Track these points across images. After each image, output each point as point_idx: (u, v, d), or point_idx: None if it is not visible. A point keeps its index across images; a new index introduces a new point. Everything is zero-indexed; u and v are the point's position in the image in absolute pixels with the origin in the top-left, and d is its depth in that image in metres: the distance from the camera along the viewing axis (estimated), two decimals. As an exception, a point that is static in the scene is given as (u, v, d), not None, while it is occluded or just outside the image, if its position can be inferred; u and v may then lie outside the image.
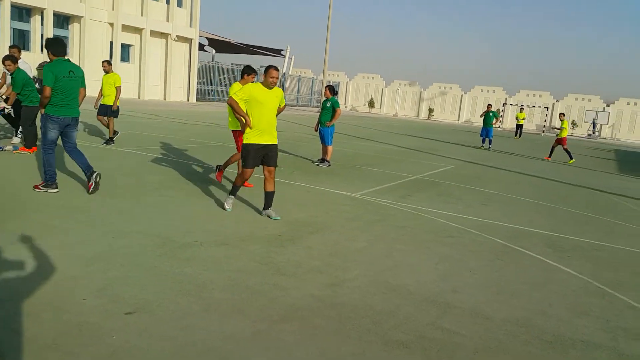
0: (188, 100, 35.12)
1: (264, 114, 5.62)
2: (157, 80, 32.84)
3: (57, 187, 6.08)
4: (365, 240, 5.36)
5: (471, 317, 3.64)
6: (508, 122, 43.58)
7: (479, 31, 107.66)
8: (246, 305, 3.49)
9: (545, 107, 42.20)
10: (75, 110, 6.14)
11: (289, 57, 46.47)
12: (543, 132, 40.19)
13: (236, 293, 3.67)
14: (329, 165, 10.33)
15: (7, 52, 8.83)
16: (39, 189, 6.01)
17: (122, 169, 8.03)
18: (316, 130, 10.78)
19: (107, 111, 10.58)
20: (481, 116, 20.30)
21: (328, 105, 10.35)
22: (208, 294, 3.59)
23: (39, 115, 6.66)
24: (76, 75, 6.06)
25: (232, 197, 6.03)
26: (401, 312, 3.61)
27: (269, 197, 5.87)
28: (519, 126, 30.37)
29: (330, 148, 10.43)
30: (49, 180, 6.06)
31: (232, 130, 7.37)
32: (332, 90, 10.46)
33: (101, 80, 10.68)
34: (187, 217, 5.56)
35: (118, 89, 10.48)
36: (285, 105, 6.26)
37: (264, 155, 5.75)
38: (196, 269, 4.05)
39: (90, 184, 6.16)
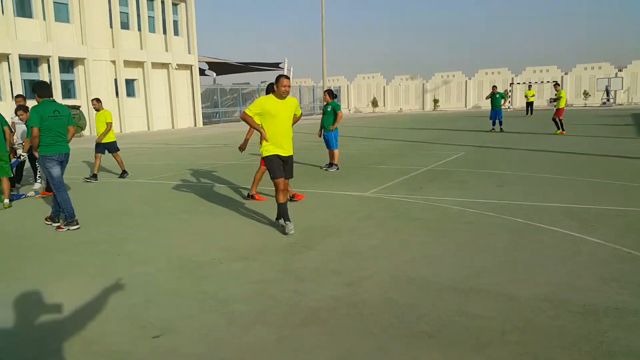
0: (195, 125, 35.53)
1: (278, 125, 5.53)
2: (164, 110, 33.32)
3: (78, 224, 6.22)
4: (380, 237, 5.34)
5: (495, 300, 3.59)
6: (518, 102, 43.06)
7: (476, 13, 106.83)
8: (268, 313, 3.50)
9: (554, 82, 41.60)
10: (65, 146, 6.43)
11: (287, 69, 46.75)
12: (554, 105, 39.60)
13: (257, 303, 3.68)
14: (338, 169, 10.32)
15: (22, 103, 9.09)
16: (62, 228, 6.15)
17: (139, 198, 8.15)
18: (320, 136, 10.78)
19: (109, 148, 10.52)
20: (487, 98, 20.07)
21: (329, 109, 10.34)
22: (230, 308, 3.61)
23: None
24: (61, 114, 6.32)
25: (287, 221, 5.61)
26: (423, 303, 3.58)
27: (281, 209, 5.68)
28: (529, 104, 29.98)
29: (336, 152, 10.41)
30: (69, 218, 6.21)
31: None
32: (331, 93, 10.47)
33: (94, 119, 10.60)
34: (204, 237, 5.61)
35: (109, 125, 10.38)
36: (301, 114, 6.11)
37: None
38: (216, 285, 4.08)
39: (59, 225, 6.24)
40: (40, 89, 6.27)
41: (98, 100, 10.63)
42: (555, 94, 18.03)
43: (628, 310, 3.32)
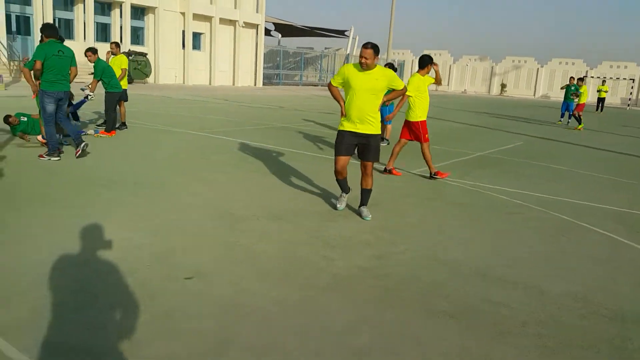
0: (255, 84, 35.97)
1: (354, 99, 4.91)
2: (226, 66, 33.88)
3: (59, 156, 6.89)
4: (417, 216, 5.33)
5: (524, 291, 3.55)
6: (590, 96, 40.62)
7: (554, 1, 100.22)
8: (295, 273, 3.63)
9: (630, 79, 38.87)
10: (66, 85, 6.90)
11: (352, 38, 46.04)
12: (629, 105, 37.15)
13: (287, 263, 3.81)
14: (388, 144, 10.23)
15: (92, 45, 9.71)
16: (43, 157, 6.82)
17: (188, 149, 8.46)
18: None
19: (121, 96, 9.99)
20: (562, 89, 19.08)
21: None
22: (261, 263, 3.77)
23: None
24: (65, 55, 6.76)
25: (343, 194, 5.42)
26: (449, 284, 3.60)
27: (363, 195, 5.22)
28: (601, 100, 28.30)
29: (389, 127, 10.30)
30: (52, 150, 6.83)
31: (412, 122, 7.16)
32: (392, 67, 10.28)
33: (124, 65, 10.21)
34: (247, 193, 5.80)
35: (124, 71, 10.06)
36: (404, 89, 5.24)
37: (359, 147, 5.09)
38: (251, 240, 4.25)
39: (77, 150, 7.06)
40: (47, 30, 6.77)
41: (117, 44, 10.42)
42: (579, 91, 17.29)
43: (661, 322, 3.20)
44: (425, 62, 7.05)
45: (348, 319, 3.03)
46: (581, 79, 18.41)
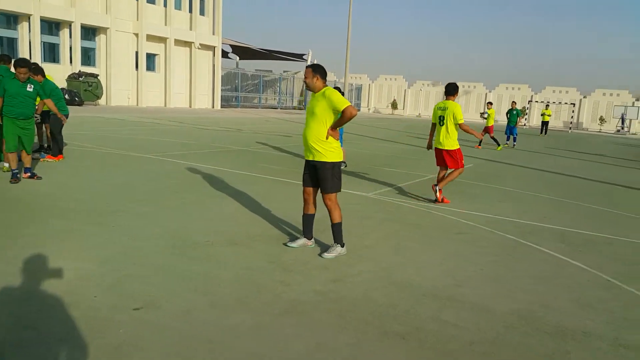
0: (212, 107, 35.76)
1: (306, 123, 4.72)
2: (182, 88, 33.57)
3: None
4: (374, 238, 5.44)
5: (472, 311, 3.68)
6: (535, 120, 42.79)
7: (501, 28, 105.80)
8: (250, 300, 3.62)
9: (572, 104, 41.29)
10: None
11: (310, 62, 46.73)
12: (570, 129, 39.32)
13: (242, 289, 3.80)
14: (346, 166, 10.39)
15: (37, 65, 9.23)
16: None
17: (143, 174, 8.31)
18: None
19: (45, 118, 9.33)
20: (507, 114, 20.10)
21: None
22: (214, 290, 3.74)
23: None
24: None
25: (301, 236, 4.97)
26: (401, 305, 3.68)
27: (332, 229, 4.76)
28: (545, 123, 29.88)
29: (342, 150, 10.40)
30: None
31: (452, 150, 7.37)
32: (339, 91, 10.37)
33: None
34: (201, 218, 5.74)
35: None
36: (348, 108, 4.48)
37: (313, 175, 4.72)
38: (205, 267, 4.20)
39: None
40: None
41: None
42: (486, 112, 18.83)
43: (595, 335, 3.39)
44: (456, 89, 7.41)
45: (303, 344, 3.05)
46: (490, 103, 19.83)
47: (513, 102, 20.59)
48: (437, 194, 7.36)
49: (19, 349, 2.77)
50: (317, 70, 4.61)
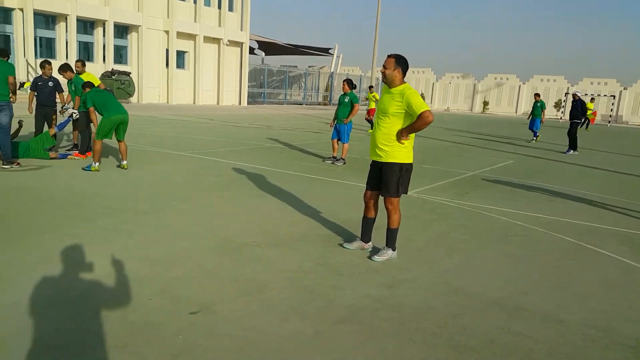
0: (239, 103, 35.85)
1: (375, 124, 4.47)
2: (211, 85, 33.73)
3: (10, 164, 7.57)
4: (424, 240, 5.21)
5: (543, 321, 3.42)
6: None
7: (537, 18, 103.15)
8: (306, 306, 3.45)
9: (612, 96, 39.62)
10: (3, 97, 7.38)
11: (337, 56, 46.43)
12: (609, 122, 37.93)
13: (295, 294, 3.64)
14: (344, 164, 9.97)
15: (75, 64, 9.43)
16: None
17: (180, 172, 8.25)
18: (331, 127, 10.20)
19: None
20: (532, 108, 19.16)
21: (346, 100, 9.75)
22: (267, 295, 3.58)
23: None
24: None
25: (358, 238, 4.82)
26: (467, 315, 3.45)
27: (387, 233, 4.52)
28: (586, 118, 28.73)
29: (346, 146, 10.01)
30: (6, 157, 7.60)
31: None
32: (351, 84, 9.85)
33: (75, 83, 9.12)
34: (244, 217, 5.61)
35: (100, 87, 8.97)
36: (425, 113, 4.13)
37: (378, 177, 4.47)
38: (254, 269, 4.06)
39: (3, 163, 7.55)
40: None
41: (83, 62, 9.52)
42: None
43: (688, 352, 3.10)
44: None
45: (367, 355, 2.86)
46: (371, 87, 20.16)
47: (536, 94, 19.41)
48: None
49: (82, 353, 2.66)
50: (400, 62, 4.22)
